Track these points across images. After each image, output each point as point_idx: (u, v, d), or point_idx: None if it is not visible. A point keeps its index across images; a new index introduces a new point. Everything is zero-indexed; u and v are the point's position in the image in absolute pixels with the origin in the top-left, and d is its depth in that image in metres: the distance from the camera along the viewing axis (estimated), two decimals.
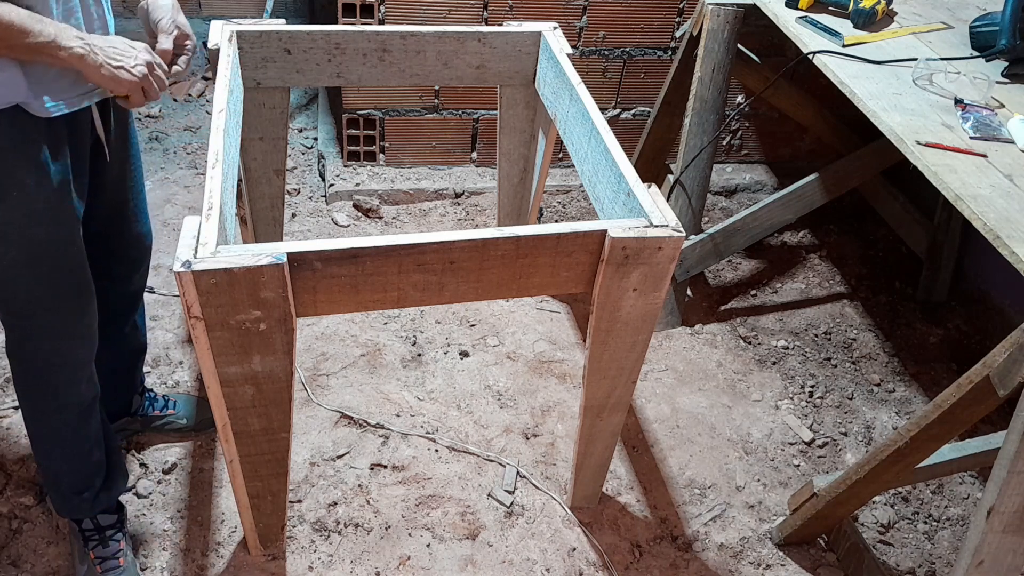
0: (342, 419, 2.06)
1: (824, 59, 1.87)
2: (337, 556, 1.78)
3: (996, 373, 1.35)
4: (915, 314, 2.63)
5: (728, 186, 3.05)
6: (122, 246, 1.66)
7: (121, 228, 1.64)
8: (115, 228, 1.62)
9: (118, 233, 1.63)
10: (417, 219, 2.78)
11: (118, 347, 1.77)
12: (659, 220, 1.42)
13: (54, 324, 1.43)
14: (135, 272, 1.74)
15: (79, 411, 1.55)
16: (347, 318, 2.34)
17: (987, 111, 1.70)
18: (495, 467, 2.00)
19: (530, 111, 2.16)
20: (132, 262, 1.72)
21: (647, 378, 2.30)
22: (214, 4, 3.27)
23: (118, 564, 1.66)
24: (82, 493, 1.62)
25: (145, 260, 1.75)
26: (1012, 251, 1.35)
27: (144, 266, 1.76)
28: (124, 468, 1.71)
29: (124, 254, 1.68)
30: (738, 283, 2.71)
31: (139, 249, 1.72)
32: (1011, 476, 1.31)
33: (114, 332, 1.72)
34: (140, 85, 1.29)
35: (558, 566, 1.81)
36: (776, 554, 1.91)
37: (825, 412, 2.27)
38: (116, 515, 1.70)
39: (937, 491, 2.10)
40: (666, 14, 2.69)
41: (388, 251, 1.32)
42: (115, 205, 1.59)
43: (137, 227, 1.67)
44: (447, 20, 2.56)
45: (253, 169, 2.09)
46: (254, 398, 1.40)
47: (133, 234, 1.67)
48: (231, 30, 1.80)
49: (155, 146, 2.99)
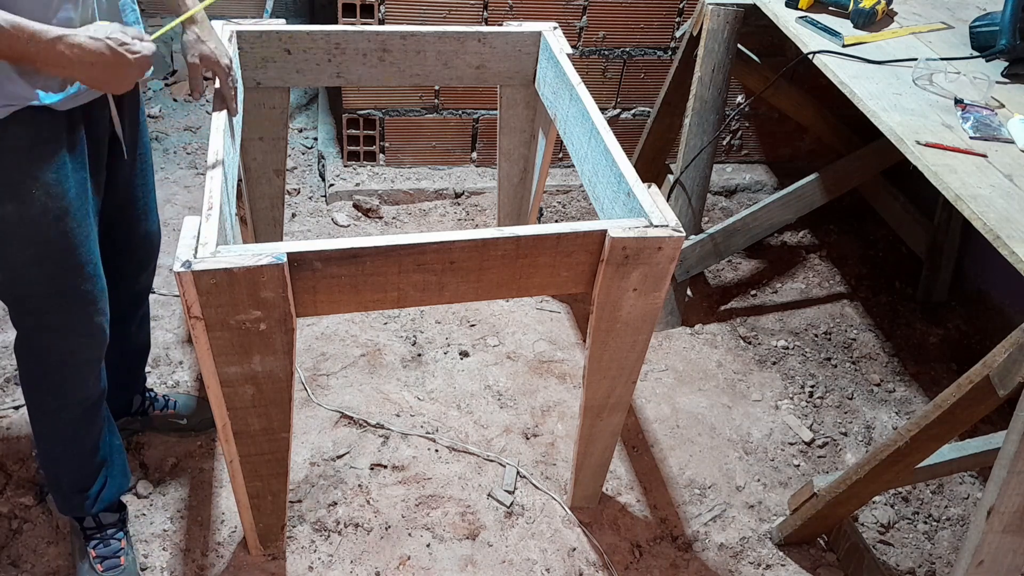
0: (342, 419, 2.06)
1: (824, 59, 1.87)
2: (337, 556, 1.78)
3: (996, 373, 1.35)
4: (915, 314, 2.63)
5: (728, 186, 3.05)
6: (131, 244, 1.67)
7: (131, 226, 1.64)
8: (125, 226, 1.62)
9: (127, 231, 1.64)
10: (417, 219, 2.78)
11: (122, 346, 1.77)
12: (659, 220, 1.42)
13: (67, 322, 1.43)
14: (143, 271, 1.74)
15: (85, 409, 1.55)
16: (347, 318, 2.34)
17: (987, 111, 1.70)
18: (495, 467, 2.00)
19: (530, 111, 2.16)
20: (140, 261, 1.72)
21: (647, 378, 2.30)
22: (214, 4, 3.27)
23: (119, 563, 1.66)
24: (84, 492, 1.62)
25: (153, 259, 1.75)
26: (1012, 251, 1.35)
27: (152, 265, 1.76)
28: (126, 467, 1.71)
29: (133, 253, 1.69)
30: (738, 283, 2.71)
31: (148, 248, 1.72)
32: (1011, 476, 1.31)
33: (119, 330, 1.72)
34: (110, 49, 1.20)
35: (558, 566, 1.81)
36: (776, 554, 1.91)
37: (825, 412, 2.27)
38: (117, 514, 1.70)
39: (937, 491, 2.10)
40: (666, 14, 2.69)
41: (388, 251, 1.32)
42: (126, 203, 1.59)
43: (146, 225, 1.67)
44: (447, 20, 2.56)
45: (253, 169, 2.09)
46: (254, 398, 1.40)
47: (142, 232, 1.67)
48: (231, 30, 1.80)
49: (155, 146, 2.99)
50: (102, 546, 1.66)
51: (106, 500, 1.65)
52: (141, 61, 1.24)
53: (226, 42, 1.75)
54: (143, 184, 1.62)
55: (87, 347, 1.49)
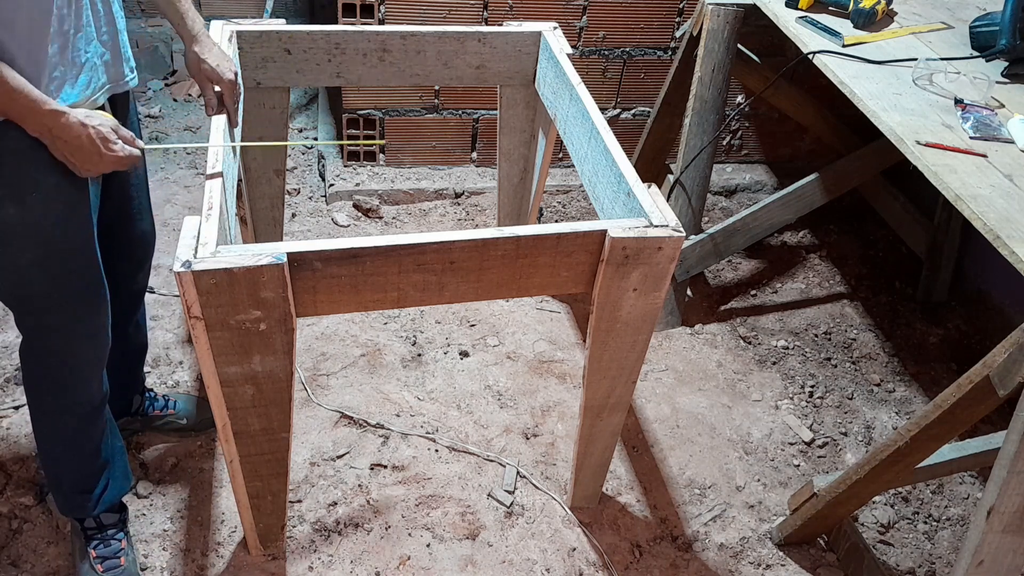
0: (342, 419, 2.06)
1: (824, 59, 1.87)
2: (337, 556, 1.78)
3: (996, 373, 1.35)
4: (915, 314, 2.63)
5: (728, 186, 3.05)
6: (128, 244, 1.67)
7: (126, 226, 1.64)
8: (120, 226, 1.62)
9: (123, 231, 1.64)
10: (417, 219, 2.78)
11: (120, 346, 1.77)
12: (659, 220, 1.42)
13: (68, 324, 1.44)
14: (139, 270, 1.75)
15: (87, 412, 1.55)
16: (347, 318, 2.34)
17: (987, 111, 1.70)
18: (495, 467, 2.00)
19: (530, 111, 2.16)
20: (137, 260, 1.73)
21: (647, 378, 2.29)
22: (214, 4, 3.27)
23: (119, 563, 1.66)
24: (85, 493, 1.62)
25: (148, 258, 1.76)
26: (1012, 251, 1.35)
27: (148, 264, 1.77)
28: (128, 468, 1.71)
29: (130, 253, 1.69)
30: (738, 283, 2.71)
31: (144, 247, 1.72)
32: (1011, 476, 1.31)
33: (118, 331, 1.71)
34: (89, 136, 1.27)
35: (558, 566, 1.81)
36: (776, 554, 1.91)
37: (825, 412, 2.27)
38: (118, 514, 1.70)
39: (937, 491, 2.10)
40: (666, 14, 2.69)
41: (388, 251, 1.32)
42: (121, 203, 1.60)
43: (142, 225, 1.68)
44: (447, 20, 2.56)
45: (253, 169, 2.09)
46: (254, 398, 1.40)
47: (138, 232, 1.68)
48: (231, 30, 1.80)
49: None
50: (103, 546, 1.66)
51: (107, 502, 1.65)
52: (114, 159, 1.31)
53: (226, 42, 1.75)
54: (137, 183, 1.62)
55: (90, 348, 1.49)
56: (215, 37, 1.76)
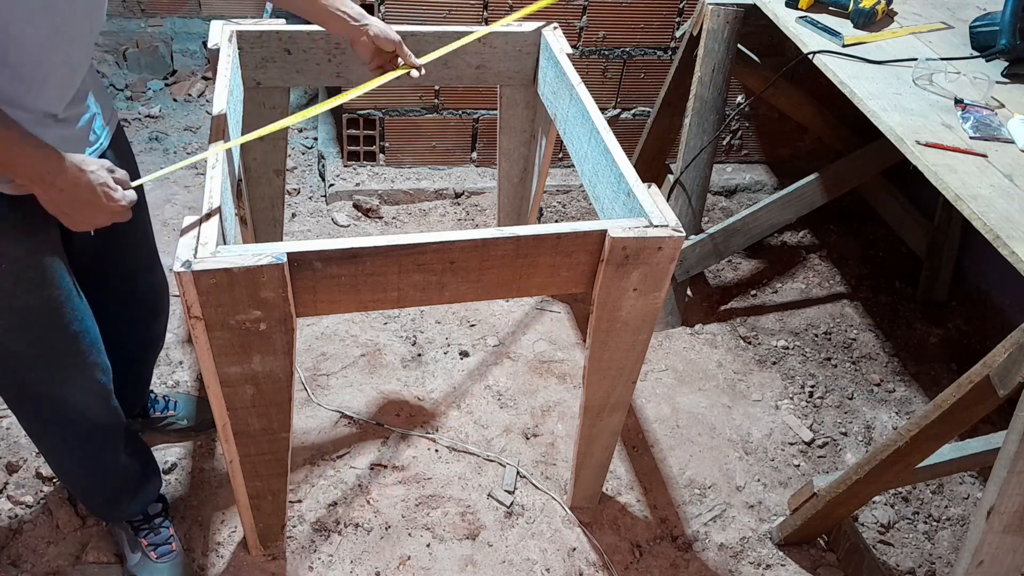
0: (342, 419, 2.06)
1: (824, 59, 1.87)
2: (337, 556, 1.78)
3: (996, 373, 1.35)
4: (915, 314, 2.63)
5: (728, 186, 3.05)
6: (135, 296, 1.64)
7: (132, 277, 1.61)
8: (124, 277, 1.58)
9: (129, 282, 1.61)
10: (417, 219, 2.78)
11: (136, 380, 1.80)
12: (659, 220, 1.42)
13: (55, 378, 1.40)
14: (154, 319, 1.74)
15: (100, 439, 1.53)
16: (347, 318, 2.34)
17: (987, 111, 1.70)
18: (495, 467, 2.00)
19: (530, 111, 2.16)
20: (150, 309, 1.71)
21: (647, 378, 2.29)
22: (214, 4, 3.27)
23: (171, 549, 1.70)
24: (118, 503, 1.64)
25: (164, 306, 1.74)
26: (1012, 251, 1.35)
27: (164, 313, 1.76)
28: (156, 465, 1.71)
29: (140, 303, 1.67)
30: (738, 283, 2.71)
31: (154, 297, 1.70)
32: (1011, 476, 1.31)
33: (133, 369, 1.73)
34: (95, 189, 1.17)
35: (558, 566, 1.81)
36: (776, 554, 1.91)
37: (825, 412, 2.27)
38: (160, 504, 1.74)
39: (937, 491, 2.10)
40: (666, 14, 2.69)
41: (388, 251, 1.32)
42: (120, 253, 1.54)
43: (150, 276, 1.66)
44: (447, 20, 2.56)
45: (253, 169, 2.09)
46: (254, 398, 1.40)
47: (144, 284, 1.65)
48: (231, 30, 1.80)
49: (155, 146, 2.99)
50: (152, 535, 1.70)
51: (144, 502, 1.68)
52: (112, 212, 1.20)
53: (226, 42, 1.75)
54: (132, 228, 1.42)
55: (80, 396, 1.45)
56: (215, 37, 1.76)
